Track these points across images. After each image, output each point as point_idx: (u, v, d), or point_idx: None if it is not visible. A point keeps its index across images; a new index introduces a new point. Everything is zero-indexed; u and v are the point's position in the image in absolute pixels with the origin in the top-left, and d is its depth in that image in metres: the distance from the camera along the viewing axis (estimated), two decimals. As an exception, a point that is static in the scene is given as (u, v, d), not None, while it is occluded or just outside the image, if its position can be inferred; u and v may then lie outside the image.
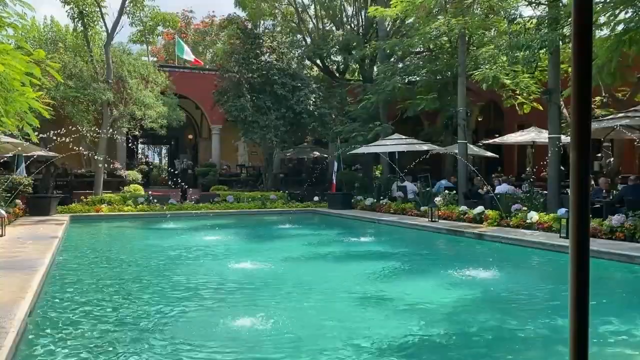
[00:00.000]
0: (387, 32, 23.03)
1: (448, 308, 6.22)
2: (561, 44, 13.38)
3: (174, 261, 9.77)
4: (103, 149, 19.21)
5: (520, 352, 4.88)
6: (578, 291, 1.17)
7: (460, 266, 8.63)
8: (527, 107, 18.75)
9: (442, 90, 21.03)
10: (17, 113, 6.33)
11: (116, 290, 7.27)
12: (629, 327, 5.52)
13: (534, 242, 10.66)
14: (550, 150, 13.96)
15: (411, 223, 14.93)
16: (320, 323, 5.67)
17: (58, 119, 17.07)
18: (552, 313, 6.09)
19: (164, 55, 37.33)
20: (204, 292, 7.28)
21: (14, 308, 5.22)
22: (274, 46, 22.77)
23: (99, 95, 18.76)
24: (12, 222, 14.03)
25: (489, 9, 17.47)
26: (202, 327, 5.49)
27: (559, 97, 14.17)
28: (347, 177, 22.77)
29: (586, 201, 1.17)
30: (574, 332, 1.17)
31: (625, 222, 10.20)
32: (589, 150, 1.18)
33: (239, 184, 24.60)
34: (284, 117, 21.70)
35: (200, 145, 30.48)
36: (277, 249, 11.35)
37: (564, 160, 14.34)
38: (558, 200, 13.35)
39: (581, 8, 1.17)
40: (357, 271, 8.68)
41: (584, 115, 1.17)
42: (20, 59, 5.34)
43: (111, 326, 5.45)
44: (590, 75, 1.18)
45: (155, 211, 18.25)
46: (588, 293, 1.17)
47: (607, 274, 8.31)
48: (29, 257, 8.50)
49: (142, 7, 21.33)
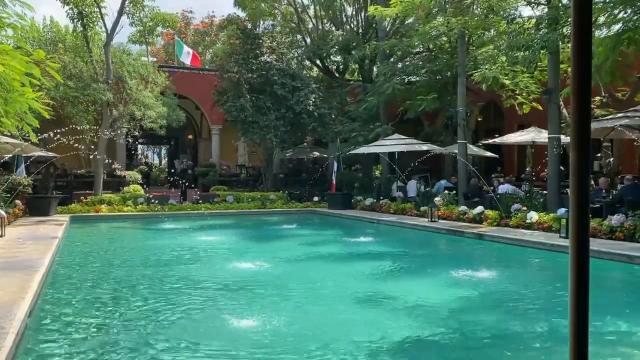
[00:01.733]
0: (387, 32, 23.03)
1: (448, 308, 6.22)
2: (561, 44, 13.38)
3: (174, 261, 9.77)
4: (103, 150, 19.20)
5: (520, 352, 4.88)
6: (578, 291, 1.16)
7: (460, 266, 8.63)
8: (526, 107, 18.75)
9: (442, 91, 21.02)
10: (17, 113, 6.32)
11: (116, 291, 7.27)
12: (629, 327, 5.52)
13: (534, 242, 10.66)
14: (550, 150, 13.95)
15: (411, 223, 14.93)
16: (320, 323, 5.67)
17: (58, 119, 17.04)
18: (552, 313, 6.08)
19: (164, 56, 37.32)
20: (204, 292, 7.27)
21: (14, 308, 5.22)
22: (273, 46, 22.77)
23: (98, 96, 18.75)
24: (12, 223, 14.02)
25: (488, 9, 17.46)
26: (203, 328, 5.49)
27: (558, 97, 14.17)
28: (347, 177, 22.77)
29: (586, 201, 1.17)
30: (574, 332, 1.17)
31: (625, 222, 10.20)
32: (589, 150, 1.18)
33: (239, 184, 24.59)
34: (283, 118, 21.71)
35: (200, 145, 30.47)
36: (277, 250, 11.35)
37: (564, 160, 14.33)
38: (558, 200, 13.35)
39: (581, 8, 1.17)
40: (356, 271, 8.68)
41: (584, 115, 1.17)
42: (20, 60, 5.34)
43: (111, 326, 5.45)
44: (590, 75, 1.18)
45: (155, 211, 18.25)
46: (588, 293, 1.17)
47: (607, 274, 8.30)
48: (29, 258, 8.49)
49: (141, 8, 21.31)
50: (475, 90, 20.59)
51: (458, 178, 17.81)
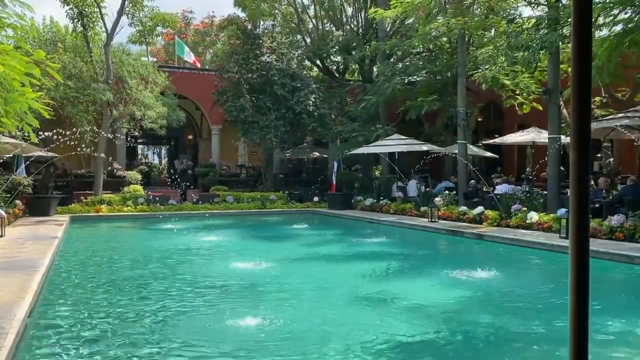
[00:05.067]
0: (387, 33, 23.03)
1: (448, 308, 6.22)
2: (561, 44, 13.38)
3: (174, 261, 9.77)
4: (103, 150, 19.19)
5: (520, 352, 4.88)
6: (578, 291, 1.16)
7: (460, 266, 8.63)
8: (526, 107, 18.75)
9: (442, 91, 21.03)
10: (17, 113, 6.33)
11: (116, 291, 7.26)
12: (629, 327, 5.52)
13: (534, 242, 10.65)
14: (550, 151, 13.95)
15: (411, 223, 14.92)
16: (320, 323, 5.67)
17: (58, 119, 17.06)
18: (552, 313, 6.08)
19: (164, 56, 37.33)
20: (205, 292, 7.27)
21: (14, 308, 5.22)
22: (273, 46, 22.76)
23: (98, 96, 18.75)
24: (12, 223, 14.02)
25: (488, 10, 17.47)
26: (204, 328, 5.49)
27: (558, 97, 14.17)
28: (347, 177, 22.77)
29: (586, 201, 1.17)
30: (573, 332, 1.17)
31: (625, 222, 10.20)
32: (589, 150, 1.18)
33: (239, 185, 24.58)
34: (283, 118, 21.70)
35: (200, 145, 30.47)
36: (277, 250, 11.35)
37: (564, 160, 14.33)
38: (558, 201, 13.35)
39: (581, 8, 1.17)
40: (356, 271, 8.68)
41: (584, 115, 1.17)
42: (19, 60, 5.34)
43: (112, 326, 5.45)
44: (590, 75, 1.18)
45: (155, 211, 18.26)
46: (588, 293, 1.17)
47: (607, 274, 8.30)
48: (29, 258, 8.49)
49: (141, 8, 21.31)
50: (475, 91, 20.61)
51: (458, 178, 17.81)
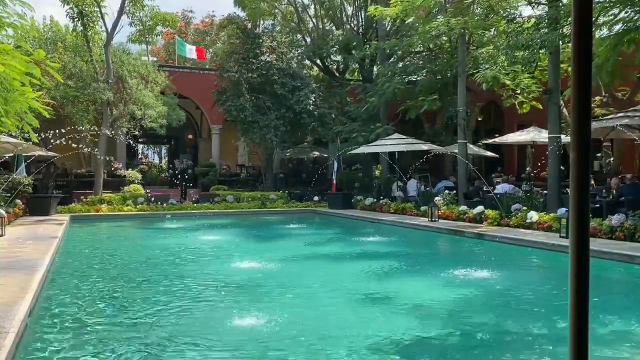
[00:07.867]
0: (387, 32, 23.02)
1: (448, 307, 6.22)
2: (561, 44, 13.37)
3: (174, 261, 9.77)
4: (103, 149, 19.20)
5: (520, 352, 4.88)
6: (578, 291, 1.16)
7: (460, 266, 8.63)
8: (526, 106, 18.75)
9: (442, 91, 21.02)
10: (17, 113, 6.33)
11: (116, 290, 7.27)
12: (629, 327, 5.52)
13: (534, 241, 10.65)
14: (550, 150, 13.95)
15: (411, 223, 14.93)
16: (320, 322, 5.67)
17: (58, 119, 17.05)
18: (552, 313, 6.09)
19: (164, 55, 37.31)
20: (205, 291, 7.27)
21: (14, 308, 5.22)
22: (273, 46, 22.76)
23: (98, 95, 18.75)
24: (12, 222, 14.02)
25: (488, 9, 17.45)
26: (204, 328, 5.49)
27: (558, 97, 14.16)
28: (347, 177, 22.77)
29: (586, 201, 1.17)
30: (573, 332, 1.17)
31: (625, 221, 10.20)
32: (589, 150, 1.18)
33: (239, 184, 24.57)
34: (283, 117, 21.70)
35: (200, 145, 30.47)
36: (277, 249, 11.35)
37: (564, 160, 14.33)
38: (558, 200, 13.35)
39: (581, 8, 1.17)
40: (356, 271, 8.68)
41: (584, 115, 1.17)
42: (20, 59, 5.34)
43: (112, 326, 5.45)
44: (590, 75, 1.18)
45: (155, 211, 18.26)
46: (588, 293, 1.17)
47: (607, 274, 8.31)
48: (29, 257, 8.49)
49: (141, 7, 21.31)
50: (476, 90, 20.59)
51: (458, 178, 17.81)
